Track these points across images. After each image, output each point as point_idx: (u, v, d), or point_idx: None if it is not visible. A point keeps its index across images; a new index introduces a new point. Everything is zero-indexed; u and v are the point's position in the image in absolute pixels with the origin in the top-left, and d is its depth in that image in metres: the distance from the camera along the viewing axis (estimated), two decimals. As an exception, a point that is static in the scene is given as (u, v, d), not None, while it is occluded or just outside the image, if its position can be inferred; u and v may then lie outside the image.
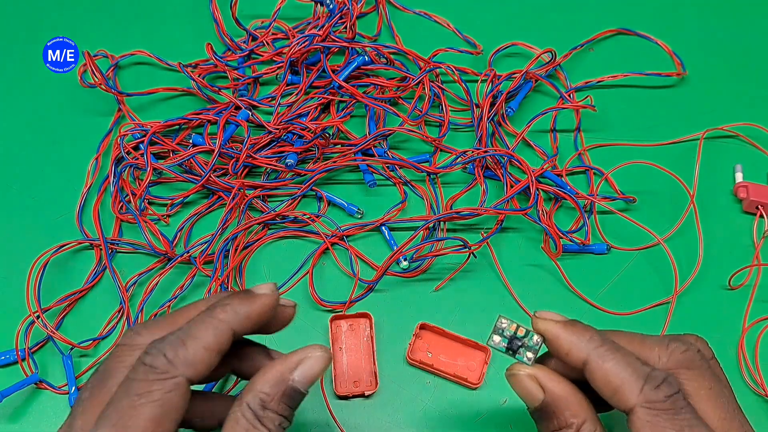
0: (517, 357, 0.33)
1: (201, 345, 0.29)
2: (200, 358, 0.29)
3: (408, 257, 0.47)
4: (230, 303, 0.31)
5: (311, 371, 0.31)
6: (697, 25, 0.60)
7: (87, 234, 0.49)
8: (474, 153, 0.50)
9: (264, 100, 0.54)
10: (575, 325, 0.31)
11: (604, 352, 0.30)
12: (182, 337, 0.29)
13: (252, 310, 0.31)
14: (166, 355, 0.28)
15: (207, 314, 0.30)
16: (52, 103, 0.55)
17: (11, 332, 0.45)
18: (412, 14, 0.59)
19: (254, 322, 0.31)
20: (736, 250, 0.49)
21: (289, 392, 0.30)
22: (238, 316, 0.30)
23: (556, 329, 0.31)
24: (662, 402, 0.28)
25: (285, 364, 0.31)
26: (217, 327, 0.30)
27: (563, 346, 0.31)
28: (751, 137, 0.54)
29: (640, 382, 0.29)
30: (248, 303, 0.31)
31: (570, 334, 0.31)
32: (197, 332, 0.29)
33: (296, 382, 0.30)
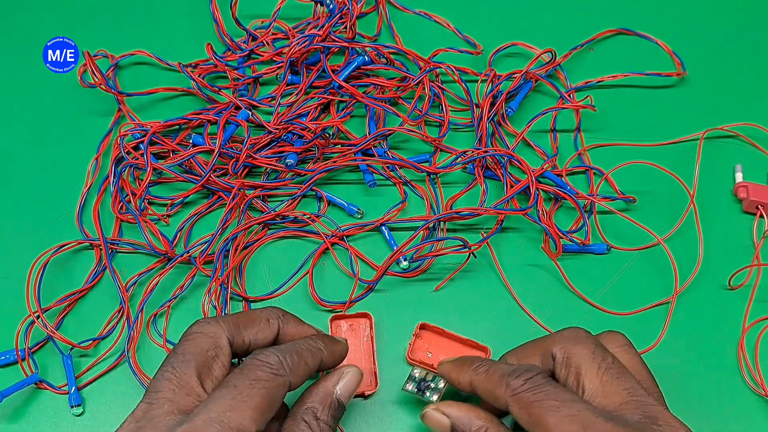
0: (424, 397, 0.41)
1: (304, 361, 0.34)
2: (302, 373, 0.34)
3: (408, 257, 0.47)
4: (323, 340, 0.37)
5: (350, 385, 0.36)
6: (697, 25, 0.60)
7: (87, 234, 0.49)
8: (474, 153, 0.50)
9: (264, 100, 0.54)
10: (463, 359, 0.38)
11: (477, 368, 0.36)
12: (290, 350, 0.34)
13: (335, 351, 0.37)
14: (279, 357, 0.33)
15: (307, 340, 0.36)
16: (52, 103, 0.55)
17: (11, 332, 0.45)
18: (412, 14, 0.59)
19: (334, 361, 0.37)
20: (736, 250, 0.49)
21: (335, 405, 0.35)
22: (332, 355, 0.37)
23: (448, 367, 0.38)
24: (522, 385, 0.33)
25: (329, 380, 0.36)
26: (316, 355, 0.35)
27: (453, 378, 0.37)
28: (751, 137, 0.54)
29: (504, 380, 0.33)
30: (334, 344, 0.38)
31: (456, 367, 0.37)
32: (301, 351, 0.34)
33: (339, 395, 0.35)
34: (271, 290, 0.47)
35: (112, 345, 0.45)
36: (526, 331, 0.46)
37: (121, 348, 0.45)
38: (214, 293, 0.45)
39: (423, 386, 0.42)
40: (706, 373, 0.44)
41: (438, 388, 0.41)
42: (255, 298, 0.47)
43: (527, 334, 0.45)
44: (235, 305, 0.47)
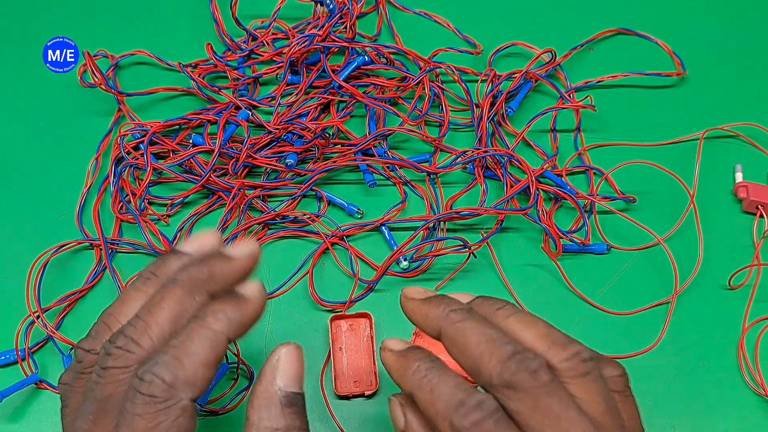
0: None
1: (199, 362, 0.26)
2: (201, 376, 0.26)
3: (408, 257, 0.47)
4: (223, 311, 0.28)
5: (289, 371, 0.28)
6: (697, 25, 0.60)
7: (87, 234, 0.49)
8: (474, 153, 0.50)
9: (264, 100, 0.54)
10: (432, 297, 0.31)
11: (458, 316, 0.29)
12: (177, 356, 0.26)
13: (245, 317, 0.28)
14: (165, 380, 0.25)
15: (200, 325, 0.27)
16: (52, 103, 0.55)
17: (11, 332, 0.45)
18: (412, 14, 0.59)
19: (247, 328, 0.29)
20: (736, 250, 0.49)
21: (285, 401, 0.28)
22: (233, 325, 0.28)
23: (413, 304, 0.31)
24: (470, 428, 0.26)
25: (262, 381, 0.28)
26: (214, 339, 0.27)
27: (418, 318, 0.31)
28: (751, 137, 0.54)
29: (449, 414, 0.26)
30: (240, 311, 0.28)
31: (426, 304, 0.30)
32: (193, 347, 0.26)
33: (282, 388, 0.28)
34: (271, 290, 0.47)
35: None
36: (526, 331, 0.46)
37: (121, 348, 0.45)
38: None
39: None
40: (706, 373, 0.44)
41: None
42: (255, 298, 0.47)
43: (527, 334, 0.46)
44: (235, 305, 0.47)
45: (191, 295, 0.28)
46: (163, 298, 0.28)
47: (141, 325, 0.27)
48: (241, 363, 0.44)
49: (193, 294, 0.28)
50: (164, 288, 0.28)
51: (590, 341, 0.45)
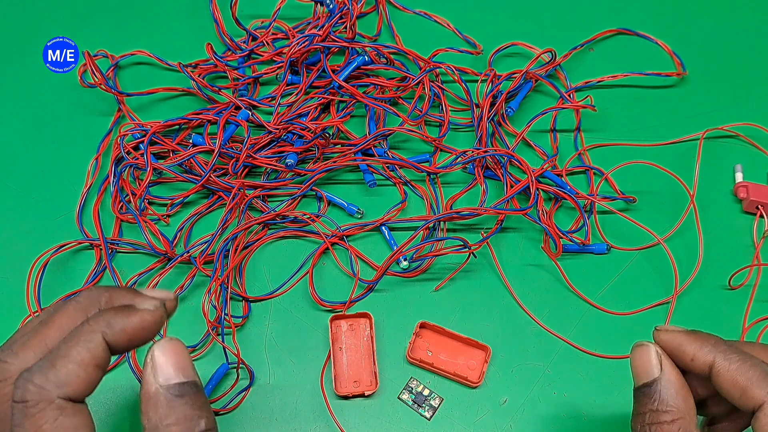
0: (418, 411, 0.42)
1: (73, 362, 0.26)
2: (75, 375, 0.26)
3: (408, 257, 0.47)
4: (104, 315, 0.28)
5: (165, 365, 0.28)
6: (697, 25, 0.60)
7: (87, 234, 0.49)
8: (474, 153, 0.50)
9: (264, 100, 0.54)
10: (698, 333, 0.31)
11: (730, 355, 0.29)
12: (51, 359, 0.26)
13: (128, 325, 0.28)
14: (35, 383, 0.26)
15: (78, 329, 0.27)
16: (52, 103, 0.55)
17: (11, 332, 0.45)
18: (412, 14, 0.59)
19: (131, 337, 0.28)
20: (736, 250, 0.49)
21: (170, 394, 0.27)
22: (113, 330, 0.27)
23: (680, 337, 0.31)
24: None
25: (142, 384, 0.28)
26: (90, 341, 0.27)
27: (687, 352, 0.30)
28: (751, 137, 0.54)
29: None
30: (124, 317, 0.28)
31: (694, 340, 0.31)
32: (67, 350, 0.27)
33: (163, 383, 0.27)
34: (271, 290, 0.47)
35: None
36: (526, 331, 0.46)
37: (121, 348, 0.45)
38: (214, 293, 0.45)
39: (419, 400, 0.43)
40: (706, 373, 0.44)
41: (433, 406, 0.43)
42: (255, 298, 0.47)
43: (527, 334, 0.46)
44: (235, 305, 0.47)
45: (84, 312, 0.29)
46: (55, 313, 0.29)
47: (26, 338, 0.28)
48: (241, 363, 0.44)
49: (87, 311, 0.29)
50: (59, 306, 0.29)
51: (590, 341, 0.46)
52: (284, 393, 0.44)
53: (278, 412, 0.43)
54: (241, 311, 0.46)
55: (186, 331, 0.45)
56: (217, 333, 0.44)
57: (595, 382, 0.44)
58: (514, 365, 0.45)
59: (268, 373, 0.44)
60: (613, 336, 0.46)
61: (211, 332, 0.44)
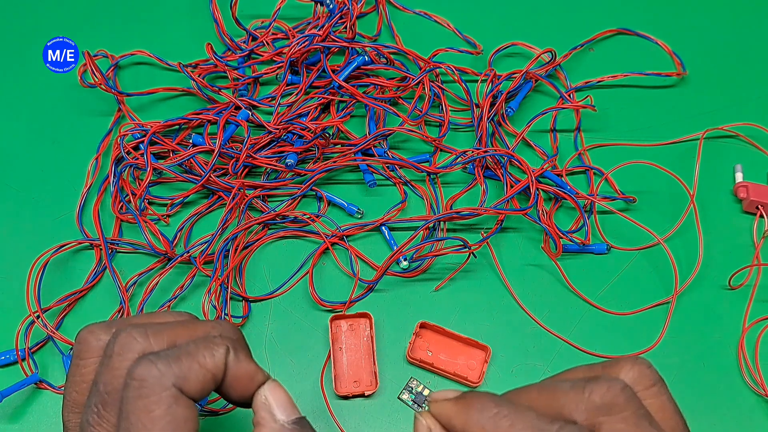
0: (418, 410, 0.40)
1: (197, 362, 0.28)
2: (195, 374, 0.27)
3: (408, 257, 0.47)
4: (233, 343, 0.30)
5: (282, 402, 0.30)
6: (697, 25, 0.60)
7: (87, 234, 0.49)
8: (474, 153, 0.49)
9: (264, 100, 0.54)
10: (466, 398, 0.28)
11: (499, 421, 0.26)
12: (177, 353, 0.28)
13: (245, 365, 0.29)
14: (159, 367, 0.27)
15: (208, 337, 0.29)
16: (52, 103, 0.55)
17: (11, 332, 0.45)
18: (412, 14, 0.59)
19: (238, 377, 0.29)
20: (736, 250, 0.49)
21: (295, 428, 0.29)
22: (232, 357, 0.29)
23: (447, 409, 0.28)
24: None
25: (264, 424, 0.29)
26: (215, 351, 0.28)
27: (457, 426, 0.28)
28: (751, 137, 0.54)
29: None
30: (248, 357, 0.30)
31: (460, 409, 0.28)
32: (195, 350, 0.28)
33: (286, 420, 0.29)
34: (271, 290, 0.47)
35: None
36: (526, 331, 0.46)
37: (121, 348, 0.45)
38: (214, 293, 0.45)
39: (419, 400, 0.43)
40: (706, 373, 0.44)
41: None
42: (255, 298, 0.47)
43: (527, 334, 0.46)
44: (235, 305, 0.47)
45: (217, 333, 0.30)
46: (196, 323, 0.31)
47: (161, 328, 0.29)
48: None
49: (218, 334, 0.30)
50: (200, 321, 0.31)
51: (590, 341, 0.46)
52: (284, 393, 0.44)
53: (278, 412, 0.43)
54: (241, 311, 0.46)
55: (186, 331, 0.45)
56: (217, 333, 0.44)
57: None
58: (514, 365, 0.45)
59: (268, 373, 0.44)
60: (613, 336, 0.46)
61: (211, 332, 0.44)
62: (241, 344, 0.31)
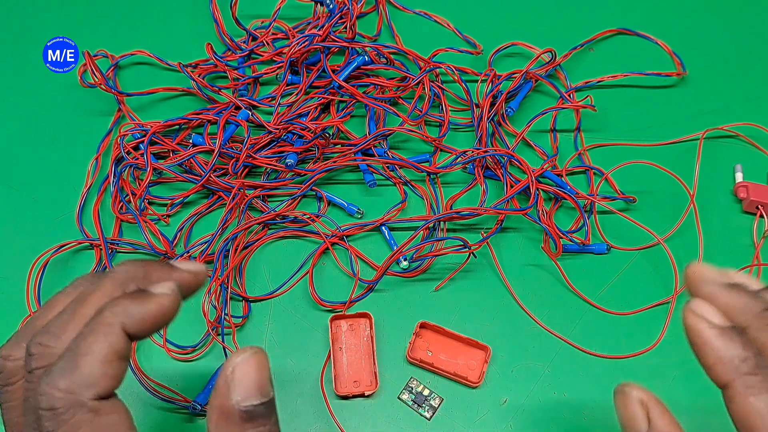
0: (418, 411, 0.42)
1: (96, 360, 0.24)
2: (101, 373, 0.24)
3: (408, 257, 0.47)
4: (120, 305, 0.26)
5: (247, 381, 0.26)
6: (697, 25, 0.60)
7: (87, 234, 0.49)
8: (474, 153, 0.49)
9: (264, 100, 0.54)
10: (734, 337, 0.25)
11: (754, 383, 0.24)
12: (73, 359, 0.24)
13: (147, 313, 0.26)
14: (61, 388, 0.24)
15: (96, 321, 0.25)
16: (52, 103, 0.55)
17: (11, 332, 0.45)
18: (412, 14, 0.59)
19: (151, 325, 0.26)
20: (736, 250, 0.49)
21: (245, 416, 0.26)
22: (132, 319, 0.26)
23: (708, 335, 0.25)
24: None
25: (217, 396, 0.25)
26: (110, 334, 0.25)
27: (709, 357, 0.25)
28: (751, 137, 0.54)
29: None
30: (143, 304, 0.26)
31: (723, 346, 0.25)
32: (89, 347, 0.25)
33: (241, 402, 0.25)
34: (271, 290, 0.47)
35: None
36: (526, 331, 0.46)
37: (121, 348, 0.45)
38: (214, 293, 0.45)
39: (419, 400, 0.43)
40: (706, 373, 0.44)
41: (433, 406, 0.43)
42: (255, 298, 0.47)
43: (527, 334, 0.46)
44: (235, 305, 0.47)
45: (121, 288, 0.27)
46: (92, 291, 0.27)
47: (65, 319, 0.26)
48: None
49: (124, 287, 0.27)
50: (94, 282, 0.27)
51: (590, 341, 0.46)
52: (284, 393, 0.44)
53: (278, 412, 0.43)
54: (241, 311, 0.46)
55: (186, 331, 0.45)
56: (217, 333, 0.44)
57: (595, 382, 0.44)
58: (514, 365, 0.45)
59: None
60: (613, 336, 0.46)
61: (211, 332, 0.44)
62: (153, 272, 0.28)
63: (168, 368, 0.44)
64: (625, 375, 0.44)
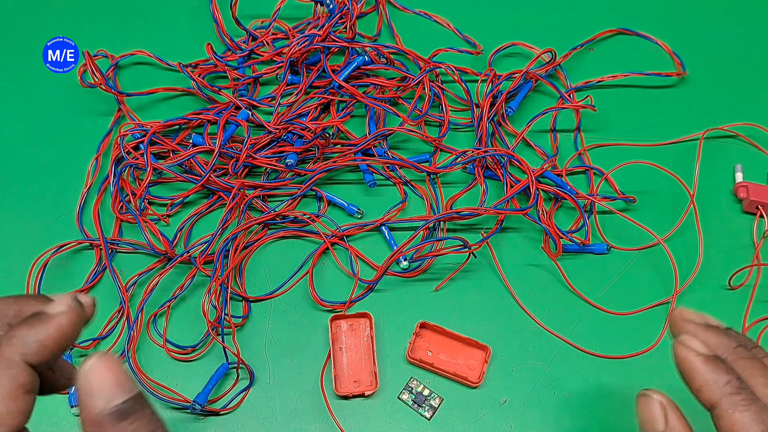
0: (418, 411, 0.42)
1: (1, 398, 0.23)
2: (8, 410, 0.23)
3: (408, 257, 0.47)
4: (16, 334, 0.24)
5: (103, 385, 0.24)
6: (697, 25, 0.60)
7: (87, 234, 0.49)
8: (474, 153, 0.49)
9: (264, 100, 0.54)
10: (717, 363, 0.28)
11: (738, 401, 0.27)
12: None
13: (46, 337, 0.24)
14: None
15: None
16: (52, 103, 0.55)
17: (11, 332, 0.45)
18: (412, 14, 0.59)
19: (54, 348, 0.25)
20: (736, 250, 0.49)
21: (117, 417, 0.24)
22: (31, 347, 0.24)
23: (696, 362, 0.29)
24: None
25: (82, 410, 0.24)
26: (10, 368, 0.24)
27: (696, 380, 0.28)
28: (751, 137, 0.54)
29: None
30: (39, 328, 0.24)
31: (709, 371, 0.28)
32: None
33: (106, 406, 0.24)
34: (271, 290, 0.47)
35: (113, 345, 0.45)
36: (526, 331, 0.46)
37: (121, 348, 0.45)
38: (214, 293, 0.45)
39: (419, 400, 0.43)
40: (706, 373, 0.44)
41: (433, 406, 0.43)
42: (255, 298, 0.47)
43: (527, 334, 0.46)
44: (235, 305, 0.47)
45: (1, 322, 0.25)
46: None
47: None
48: (241, 363, 0.44)
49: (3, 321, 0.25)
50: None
51: (590, 341, 0.46)
52: (284, 393, 0.44)
53: (278, 412, 0.43)
54: (241, 311, 0.46)
55: (186, 331, 0.45)
56: (217, 333, 0.44)
57: (595, 382, 0.44)
58: (514, 365, 0.45)
59: (268, 373, 0.44)
60: (613, 336, 0.46)
61: (211, 332, 0.44)
62: (24, 306, 0.26)
63: (168, 368, 0.44)
64: (625, 375, 0.44)
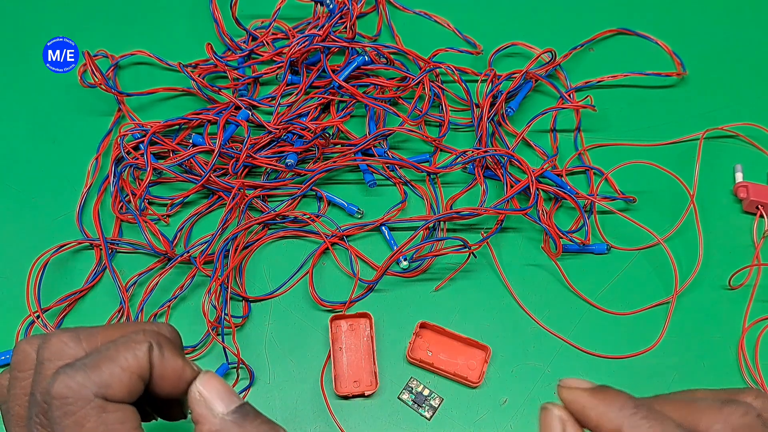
0: (418, 411, 0.42)
1: (118, 365, 0.26)
2: (118, 379, 0.26)
3: (408, 257, 0.47)
4: (158, 337, 0.28)
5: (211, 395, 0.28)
6: (697, 25, 0.60)
7: (87, 234, 0.49)
8: (474, 153, 0.49)
9: (264, 100, 0.54)
10: (605, 391, 0.28)
11: (638, 421, 0.26)
12: (96, 360, 0.26)
13: (172, 362, 0.28)
14: (77, 380, 0.26)
15: (129, 336, 0.28)
16: (52, 103, 0.55)
17: (11, 332, 0.45)
18: (412, 14, 0.59)
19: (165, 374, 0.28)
20: (736, 250, 0.49)
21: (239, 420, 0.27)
22: (158, 353, 0.28)
23: (583, 399, 0.28)
24: None
25: (204, 423, 0.27)
26: (138, 349, 0.27)
27: (591, 417, 0.27)
28: (751, 137, 0.54)
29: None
30: (174, 354, 0.28)
31: (598, 403, 0.27)
32: (114, 353, 0.27)
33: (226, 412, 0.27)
34: (271, 290, 0.47)
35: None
36: (526, 331, 0.46)
37: (121, 348, 0.45)
38: (214, 293, 0.45)
39: (419, 400, 0.43)
40: (706, 373, 0.44)
41: (433, 406, 0.43)
42: (255, 298, 0.47)
43: (527, 334, 0.46)
44: (235, 305, 0.47)
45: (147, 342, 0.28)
46: (125, 325, 0.30)
47: (94, 332, 0.28)
48: (241, 363, 0.44)
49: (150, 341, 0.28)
50: (131, 324, 0.30)
51: (590, 341, 0.46)
52: (284, 393, 0.44)
53: (278, 412, 0.43)
54: (241, 311, 0.46)
55: (186, 331, 0.45)
56: (217, 333, 0.44)
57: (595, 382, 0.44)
58: (514, 365, 0.45)
59: (268, 373, 0.44)
60: (613, 336, 0.46)
61: (211, 332, 0.44)
62: (170, 341, 0.29)
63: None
64: (625, 375, 0.44)
